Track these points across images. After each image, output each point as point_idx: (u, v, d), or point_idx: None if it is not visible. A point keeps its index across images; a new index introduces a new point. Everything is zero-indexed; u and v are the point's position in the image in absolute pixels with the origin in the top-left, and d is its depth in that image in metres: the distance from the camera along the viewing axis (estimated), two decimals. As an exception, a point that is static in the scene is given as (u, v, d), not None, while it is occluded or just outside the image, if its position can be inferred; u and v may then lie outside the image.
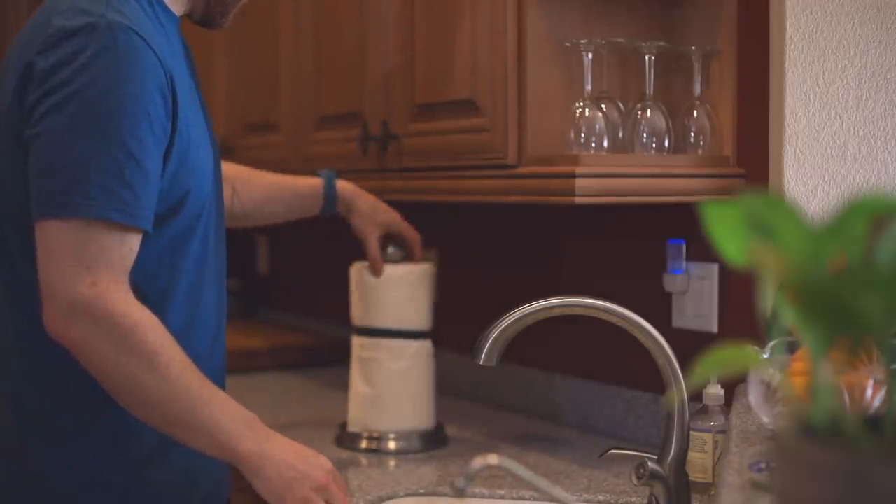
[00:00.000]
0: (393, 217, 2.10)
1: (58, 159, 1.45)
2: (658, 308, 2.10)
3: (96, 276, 1.44)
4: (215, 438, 1.51)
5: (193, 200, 1.59)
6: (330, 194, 2.08)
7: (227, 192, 1.92)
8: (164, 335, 1.48)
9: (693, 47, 1.98)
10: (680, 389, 1.63)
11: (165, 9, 1.62)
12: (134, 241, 1.49)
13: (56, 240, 1.44)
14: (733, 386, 1.78)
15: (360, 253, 2.27)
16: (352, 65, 2.36)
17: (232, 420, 1.52)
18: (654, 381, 1.75)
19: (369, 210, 2.08)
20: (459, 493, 1.39)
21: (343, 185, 2.10)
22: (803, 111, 1.86)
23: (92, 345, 1.45)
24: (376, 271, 2.06)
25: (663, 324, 1.95)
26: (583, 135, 1.89)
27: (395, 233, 2.11)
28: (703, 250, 2.04)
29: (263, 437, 1.54)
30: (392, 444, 2.15)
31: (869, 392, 1.09)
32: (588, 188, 1.78)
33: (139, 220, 1.48)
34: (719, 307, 2.04)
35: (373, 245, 2.07)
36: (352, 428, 2.19)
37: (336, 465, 2.01)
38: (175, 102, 1.52)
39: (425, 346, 2.21)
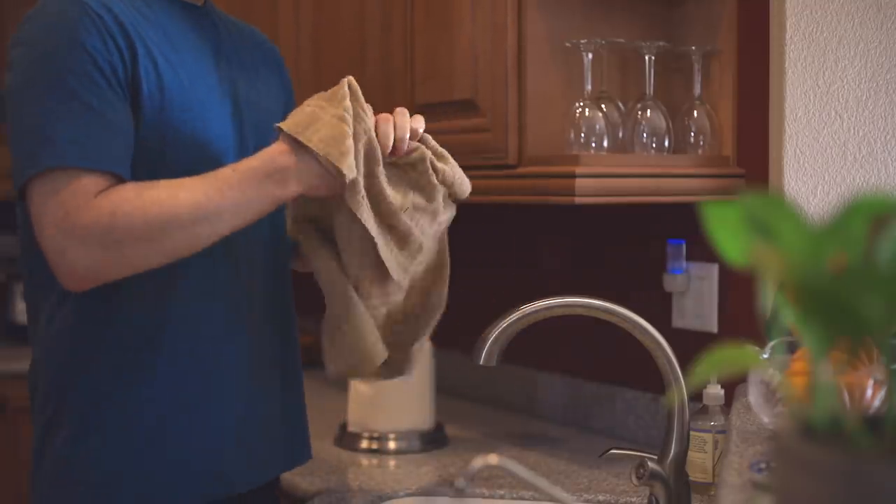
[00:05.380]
0: None
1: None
2: (658, 308, 2.10)
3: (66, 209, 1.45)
4: (265, 200, 1.49)
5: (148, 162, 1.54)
6: None
7: None
8: (140, 194, 1.45)
9: (693, 47, 1.98)
10: (680, 389, 1.63)
11: None
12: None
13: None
14: (733, 386, 1.78)
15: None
16: (352, 64, 2.36)
17: (255, 180, 1.48)
18: (654, 381, 1.75)
19: None
20: (459, 493, 1.39)
21: None
22: (803, 111, 1.86)
23: (105, 261, 1.45)
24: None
25: (663, 324, 1.95)
26: (583, 135, 1.88)
27: None
28: (703, 250, 2.04)
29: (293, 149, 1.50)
30: (392, 444, 2.15)
31: (869, 392, 1.09)
32: (588, 188, 1.78)
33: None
34: (719, 307, 2.04)
35: None
36: (352, 428, 2.19)
37: (336, 465, 2.02)
38: (136, 63, 1.51)
39: (425, 346, 2.21)
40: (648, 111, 1.93)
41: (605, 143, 1.89)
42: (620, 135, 1.92)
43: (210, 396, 1.60)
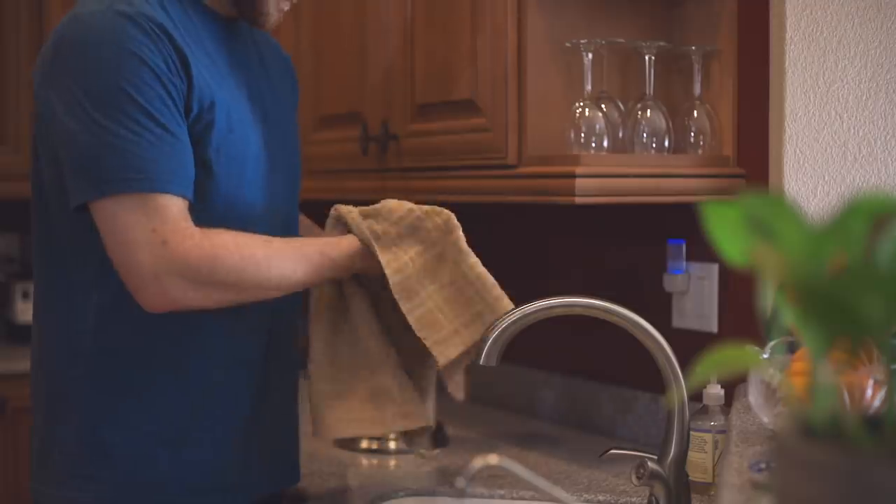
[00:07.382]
0: None
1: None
2: (658, 308, 2.10)
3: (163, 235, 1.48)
4: (343, 273, 1.61)
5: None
6: None
7: None
8: (239, 249, 1.51)
9: (693, 47, 1.98)
10: (680, 389, 1.63)
11: (197, 6, 1.61)
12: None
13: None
14: (733, 386, 1.78)
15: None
16: (352, 65, 2.36)
17: (334, 259, 1.59)
18: (654, 381, 1.75)
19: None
20: (459, 493, 1.39)
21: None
22: (803, 111, 1.85)
23: (194, 296, 1.50)
24: None
25: (663, 324, 1.95)
26: (583, 135, 1.88)
27: None
28: (703, 250, 2.04)
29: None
30: (392, 444, 2.14)
31: (869, 392, 1.09)
32: (588, 188, 1.78)
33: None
34: (719, 307, 2.04)
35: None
36: (352, 428, 2.19)
37: (336, 465, 2.01)
38: (191, 86, 1.51)
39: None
40: (648, 111, 1.93)
41: (605, 143, 1.89)
42: (620, 135, 1.92)
43: (203, 415, 1.61)
